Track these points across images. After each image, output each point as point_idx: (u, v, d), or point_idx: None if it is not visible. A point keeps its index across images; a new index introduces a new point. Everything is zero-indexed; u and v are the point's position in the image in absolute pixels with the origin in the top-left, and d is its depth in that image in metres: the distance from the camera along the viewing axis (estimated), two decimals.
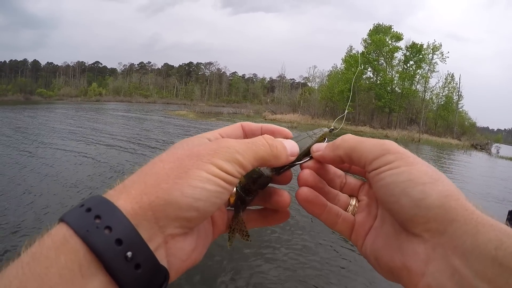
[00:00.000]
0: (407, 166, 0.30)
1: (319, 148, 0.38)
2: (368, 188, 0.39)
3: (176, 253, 0.28)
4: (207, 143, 0.31)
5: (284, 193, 0.38)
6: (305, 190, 0.37)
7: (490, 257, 0.23)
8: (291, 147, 0.37)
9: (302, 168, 0.39)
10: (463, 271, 0.25)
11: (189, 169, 0.28)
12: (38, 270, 0.21)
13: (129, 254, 0.23)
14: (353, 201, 0.39)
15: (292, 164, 0.38)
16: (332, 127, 0.43)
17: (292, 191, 0.37)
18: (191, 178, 0.27)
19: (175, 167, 0.28)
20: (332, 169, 0.40)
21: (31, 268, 0.21)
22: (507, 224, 0.24)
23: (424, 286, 0.27)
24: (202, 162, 0.28)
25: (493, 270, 0.23)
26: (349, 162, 0.36)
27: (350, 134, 0.36)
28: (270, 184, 0.39)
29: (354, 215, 0.39)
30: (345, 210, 0.39)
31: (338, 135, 0.37)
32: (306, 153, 0.39)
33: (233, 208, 0.39)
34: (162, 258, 0.26)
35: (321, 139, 0.41)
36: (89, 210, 0.24)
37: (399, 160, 0.30)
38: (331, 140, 0.38)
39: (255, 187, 0.37)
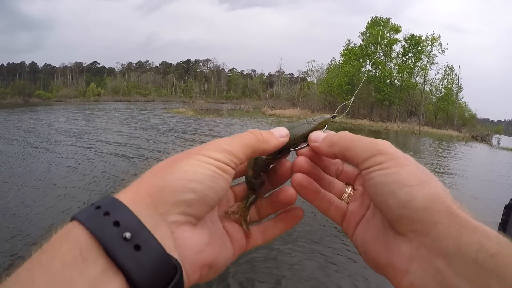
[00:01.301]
0: (396, 167, 0.30)
1: (317, 139, 0.38)
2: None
3: (185, 243, 0.28)
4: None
5: (288, 188, 0.39)
6: (299, 176, 0.38)
7: (471, 259, 0.24)
8: (278, 130, 0.38)
9: (298, 154, 0.39)
10: (445, 271, 0.26)
11: (180, 160, 0.29)
12: (44, 261, 0.22)
13: (127, 234, 0.24)
14: (349, 189, 0.40)
15: (288, 149, 0.39)
16: (334, 114, 0.43)
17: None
18: (182, 165, 0.29)
19: (167, 162, 0.30)
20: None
21: (38, 259, 0.22)
22: (502, 219, 0.22)
23: (407, 283, 0.28)
24: (192, 154, 0.30)
25: (474, 271, 0.24)
26: (342, 159, 0.37)
27: (347, 132, 0.36)
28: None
29: (348, 203, 0.39)
30: (340, 197, 0.40)
31: (338, 127, 0.41)
32: (303, 139, 0.40)
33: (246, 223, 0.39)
34: (171, 249, 0.26)
35: (321, 126, 0.41)
36: (92, 204, 0.26)
37: (390, 161, 0.31)
38: (331, 129, 0.40)
39: (257, 169, 0.39)
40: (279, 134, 0.37)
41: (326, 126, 0.41)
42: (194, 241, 0.29)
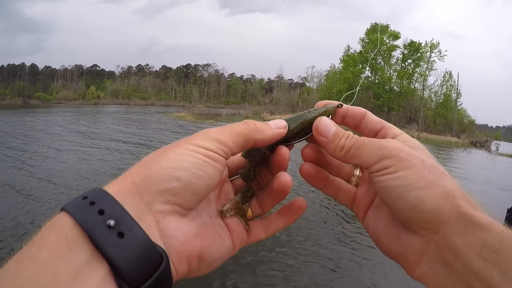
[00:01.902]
0: (404, 170, 0.30)
1: (326, 134, 0.36)
2: None
3: (171, 233, 0.27)
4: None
5: (281, 175, 0.36)
6: (307, 167, 0.38)
7: (476, 254, 0.27)
8: (275, 121, 0.37)
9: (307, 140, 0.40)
10: (454, 264, 0.28)
11: (168, 149, 0.29)
12: (33, 250, 0.22)
13: (111, 222, 0.24)
14: (357, 171, 0.41)
15: (286, 142, 0.38)
16: (340, 103, 0.40)
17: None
18: (169, 154, 0.29)
19: (156, 152, 0.30)
20: None
21: (27, 249, 0.22)
22: (505, 223, 0.27)
23: (420, 272, 0.31)
24: (180, 144, 0.30)
25: (478, 265, 0.26)
26: (348, 164, 0.38)
27: (353, 137, 0.36)
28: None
29: (357, 186, 0.40)
30: (349, 180, 0.40)
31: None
32: (303, 131, 0.38)
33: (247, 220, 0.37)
34: (156, 239, 0.26)
35: (325, 115, 0.39)
36: (80, 196, 0.26)
37: (396, 164, 0.31)
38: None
39: (247, 158, 0.37)
40: (276, 125, 0.36)
41: (330, 116, 0.39)
42: (180, 231, 0.28)
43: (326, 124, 0.37)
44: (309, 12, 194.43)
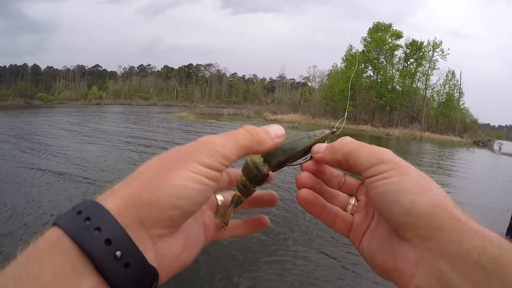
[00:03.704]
0: (399, 176, 0.31)
1: (319, 150, 0.39)
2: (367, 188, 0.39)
3: (165, 253, 0.29)
4: (189, 143, 0.32)
5: (271, 192, 0.41)
6: (305, 192, 0.38)
7: (474, 262, 0.25)
8: (274, 129, 0.37)
9: (302, 169, 0.40)
10: (449, 274, 0.26)
11: (171, 169, 0.29)
12: (33, 271, 0.22)
13: (118, 253, 0.24)
14: (352, 200, 0.41)
15: (289, 163, 0.40)
16: (334, 129, 0.43)
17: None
18: (172, 178, 0.28)
19: (158, 168, 0.29)
20: (328, 169, 0.41)
21: (26, 268, 0.22)
22: (511, 223, 0.24)
23: (414, 287, 0.29)
24: (184, 160, 0.29)
25: (476, 274, 0.25)
26: (346, 166, 0.37)
27: (348, 138, 0.37)
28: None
29: (353, 215, 0.40)
30: (345, 209, 0.40)
31: (339, 135, 0.40)
32: (304, 153, 0.40)
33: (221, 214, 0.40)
34: (151, 259, 0.27)
35: (321, 141, 0.41)
36: (79, 212, 0.25)
37: (392, 170, 0.31)
38: (333, 140, 0.40)
39: (254, 183, 0.39)
40: (275, 134, 0.36)
41: (326, 142, 0.41)
42: (172, 250, 0.29)
43: (318, 145, 0.40)
44: (312, 11, 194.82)
